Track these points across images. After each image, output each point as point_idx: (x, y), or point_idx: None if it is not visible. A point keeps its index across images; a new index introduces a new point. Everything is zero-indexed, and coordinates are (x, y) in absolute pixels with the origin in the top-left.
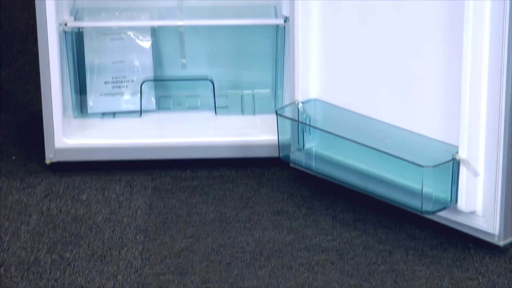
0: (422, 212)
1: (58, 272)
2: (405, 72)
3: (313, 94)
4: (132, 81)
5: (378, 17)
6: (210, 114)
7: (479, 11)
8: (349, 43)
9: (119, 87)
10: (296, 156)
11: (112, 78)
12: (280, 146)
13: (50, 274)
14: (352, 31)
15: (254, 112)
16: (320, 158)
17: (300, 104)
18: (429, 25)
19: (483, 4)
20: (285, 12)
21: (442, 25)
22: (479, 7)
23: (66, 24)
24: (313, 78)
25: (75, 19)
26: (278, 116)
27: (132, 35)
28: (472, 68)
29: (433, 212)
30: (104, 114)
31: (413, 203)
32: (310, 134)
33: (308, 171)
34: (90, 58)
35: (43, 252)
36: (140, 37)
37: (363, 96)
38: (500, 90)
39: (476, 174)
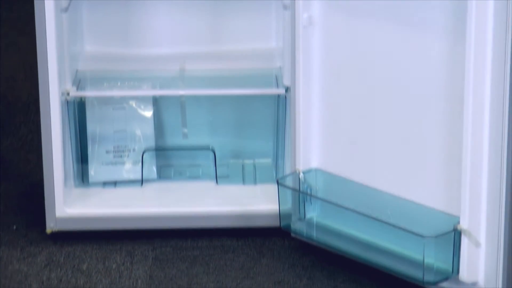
0: (423, 283)
1: None
2: (406, 142)
3: (314, 163)
4: (134, 150)
5: (379, 88)
6: (211, 184)
7: (479, 83)
8: (350, 113)
9: (121, 156)
10: (297, 226)
11: (114, 147)
12: (281, 215)
13: None
14: (353, 102)
15: (255, 182)
16: (321, 228)
17: (301, 174)
18: (429, 95)
19: (483, 75)
20: (286, 81)
21: (442, 95)
22: (479, 78)
23: (68, 94)
24: (314, 147)
25: (77, 89)
26: (279, 186)
27: (134, 105)
28: (472, 138)
29: (435, 283)
30: (105, 183)
31: (415, 273)
32: (311, 203)
33: (309, 241)
34: (92, 127)
35: None
36: (142, 107)
37: (364, 165)
38: (501, 161)
39: (477, 244)
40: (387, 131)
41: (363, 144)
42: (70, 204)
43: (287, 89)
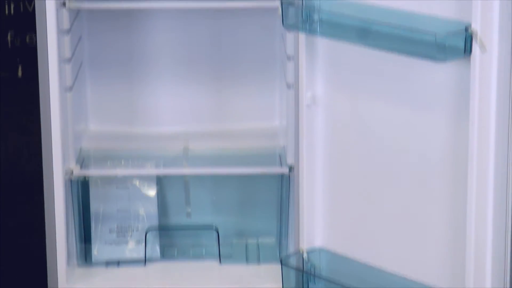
0: None
1: None
2: (410, 220)
3: (318, 242)
4: (137, 229)
5: (382, 165)
6: (214, 263)
7: (483, 161)
8: (354, 191)
9: (124, 235)
10: None
11: (117, 226)
12: None
13: None
14: (357, 180)
15: (258, 261)
16: None
17: (305, 254)
18: (433, 173)
19: (486, 153)
20: (290, 160)
21: (446, 173)
22: (483, 156)
23: (72, 173)
24: (318, 226)
25: (81, 167)
26: (282, 266)
27: (137, 184)
28: (476, 217)
29: None
30: (108, 263)
31: None
32: (315, 283)
33: None
34: (95, 206)
35: None
36: (146, 186)
37: (369, 244)
38: (505, 239)
39: None
40: (391, 209)
41: (367, 223)
42: (73, 284)
43: (290, 168)
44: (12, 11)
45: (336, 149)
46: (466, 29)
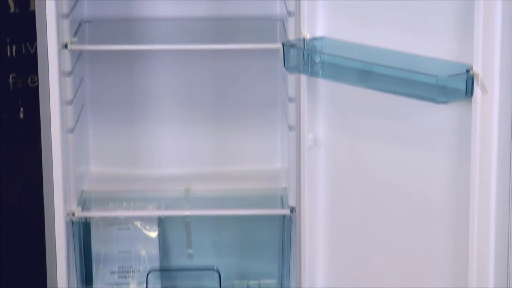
0: None
1: None
2: (412, 261)
3: (320, 283)
4: (138, 271)
5: (384, 206)
6: None
7: (484, 202)
8: (356, 231)
9: (125, 277)
10: None
11: (118, 268)
12: None
13: None
14: (359, 220)
15: None
16: None
17: None
18: (434, 214)
19: (488, 197)
20: (292, 202)
21: (447, 214)
22: (485, 201)
23: (73, 214)
24: (319, 267)
25: (82, 209)
26: None
27: (139, 225)
28: (478, 258)
29: None
30: None
31: None
32: None
33: None
34: (96, 248)
35: None
36: (147, 227)
37: (371, 284)
38: (507, 279)
39: None
40: (393, 249)
41: (369, 263)
42: None
43: (292, 210)
44: (14, 53)
45: (338, 190)
46: (467, 71)
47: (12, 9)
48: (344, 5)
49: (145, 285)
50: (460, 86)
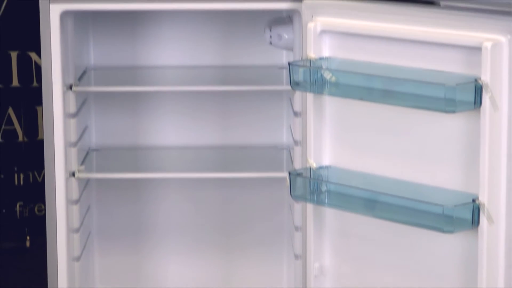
0: None
1: None
2: None
3: None
4: None
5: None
6: None
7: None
8: None
9: None
10: None
11: None
12: None
13: None
14: None
15: None
16: None
17: None
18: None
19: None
20: None
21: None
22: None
23: None
24: None
25: None
26: None
27: None
28: None
29: None
30: None
31: None
32: None
33: None
34: None
35: None
36: None
37: None
38: None
39: None
40: None
41: None
42: None
43: None
44: (21, 182)
45: None
46: (473, 201)
47: (20, 138)
48: (349, 134)
49: None
50: (466, 216)
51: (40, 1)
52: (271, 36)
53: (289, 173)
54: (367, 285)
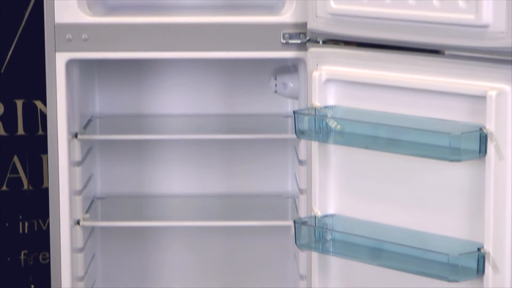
0: None
1: None
2: None
3: None
4: None
5: None
6: None
7: None
8: None
9: None
10: None
11: None
12: None
13: None
14: None
15: None
16: None
17: None
18: None
19: None
20: None
21: None
22: None
23: None
24: None
25: None
26: None
27: None
28: None
29: None
30: None
31: None
32: None
33: None
34: None
35: None
36: None
37: None
38: None
39: None
40: None
41: None
42: None
43: None
44: (26, 230)
45: None
46: (479, 249)
47: (25, 186)
48: (354, 182)
49: None
50: (472, 265)
51: (46, 50)
52: (276, 85)
53: (294, 222)
54: None
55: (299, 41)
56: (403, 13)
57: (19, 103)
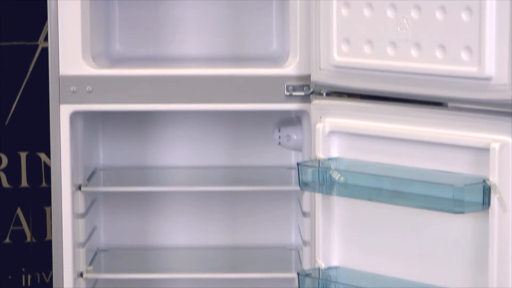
0: None
1: None
2: None
3: None
4: None
5: None
6: None
7: None
8: None
9: None
10: None
11: None
12: None
13: None
14: None
15: None
16: None
17: None
18: None
19: None
20: None
21: None
22: None
23: None
24: None
25: None
26: None
27: None
28: None
29: None
30: None
31: None
32: None
33: None
34: None
35: None
36: None
37: None
38: None
39: None
40: None
41: None
42: None
43: None
44: (29, 283)
45: None
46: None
47: (28, 239)
48: (358, 234)
49: None
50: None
51: (50, 102)
52: (279, 137)
53: (298, 274)
54: None
55: (302, 93)
56: (406, 65)
57: (23, 155)
